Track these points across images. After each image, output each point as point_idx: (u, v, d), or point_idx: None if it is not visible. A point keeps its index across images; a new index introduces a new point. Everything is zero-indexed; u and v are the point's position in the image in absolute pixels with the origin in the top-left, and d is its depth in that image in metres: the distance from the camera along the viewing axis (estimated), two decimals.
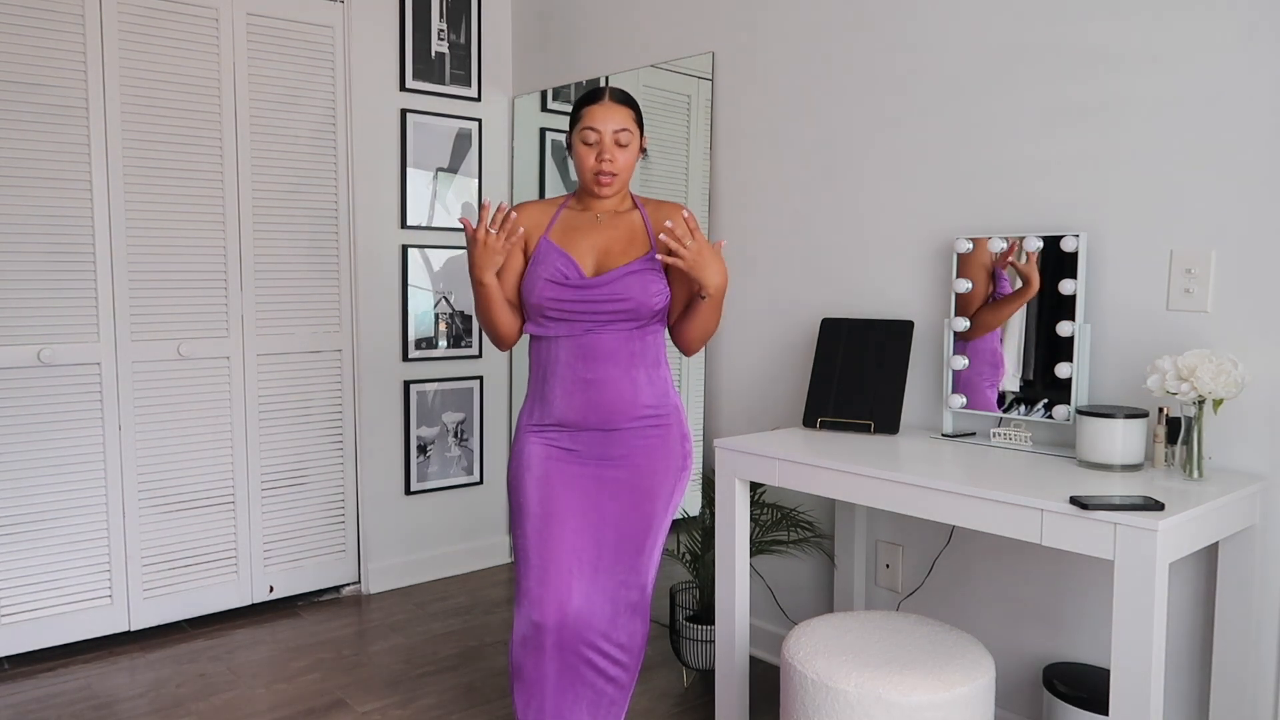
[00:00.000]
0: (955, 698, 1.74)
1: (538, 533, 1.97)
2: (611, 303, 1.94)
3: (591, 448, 1.99)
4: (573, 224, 2.02)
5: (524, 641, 1.97)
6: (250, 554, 3.24)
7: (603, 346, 1.95)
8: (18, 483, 2.80)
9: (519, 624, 1.98)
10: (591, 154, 1.95)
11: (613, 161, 1.95)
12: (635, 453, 1.99)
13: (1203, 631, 2.01)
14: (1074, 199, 2.16)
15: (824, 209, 2.68)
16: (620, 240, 1.99)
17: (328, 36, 3.30)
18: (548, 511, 1.97)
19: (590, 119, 1.94)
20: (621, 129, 1.95)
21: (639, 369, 1.98)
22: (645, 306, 1.95)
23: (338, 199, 3.36)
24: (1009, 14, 2.25)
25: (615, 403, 1.96)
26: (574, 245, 1.98)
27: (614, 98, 1.97)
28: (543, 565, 1.95)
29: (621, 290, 1.93)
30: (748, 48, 2.85)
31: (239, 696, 2.67)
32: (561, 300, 1.94)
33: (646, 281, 1.95)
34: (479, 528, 3.80)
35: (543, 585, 1.95)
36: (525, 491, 2.00)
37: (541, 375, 2.02)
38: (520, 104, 3.73)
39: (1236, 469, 1.93)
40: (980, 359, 2.29)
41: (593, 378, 1.95)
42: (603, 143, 1.94)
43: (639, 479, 2.00)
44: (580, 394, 1.96)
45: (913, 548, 2.53)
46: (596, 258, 1.98)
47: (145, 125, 2.94)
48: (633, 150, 1.99)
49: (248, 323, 3.18)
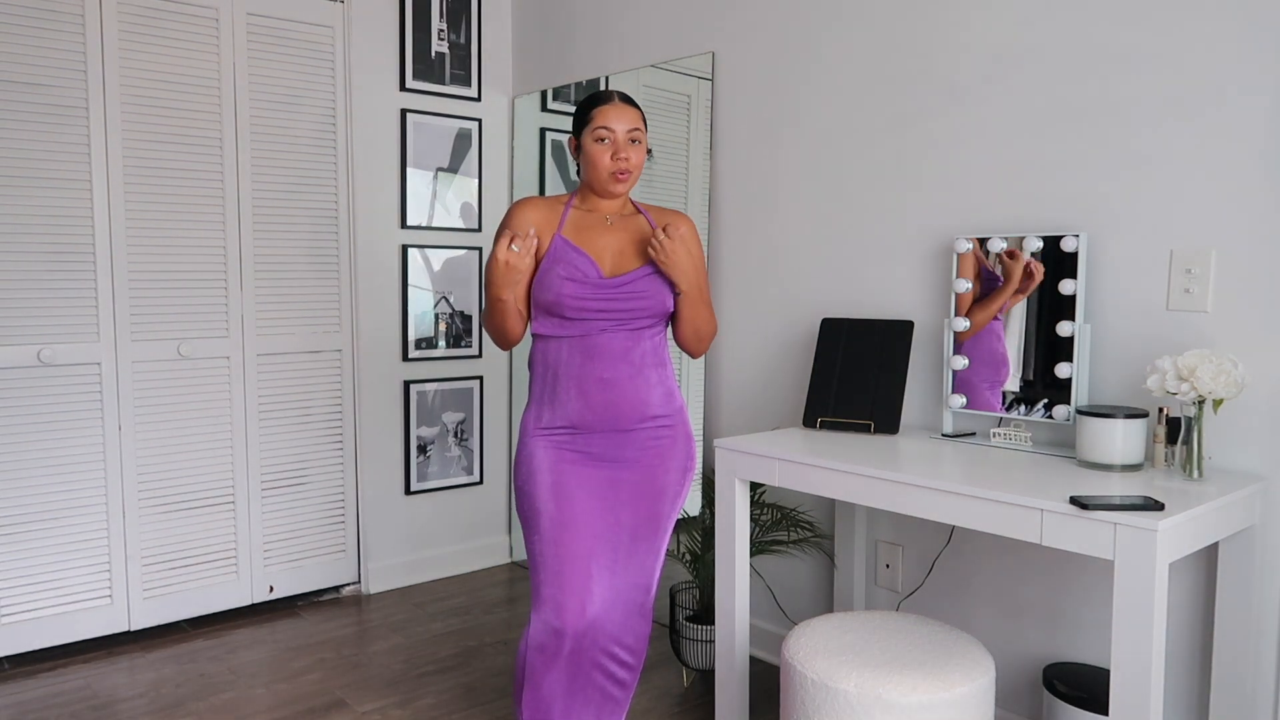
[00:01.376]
0: (955, 698, 1.74)
1: (553, 537, 1.94)
2: (632, 301, 1.95)
3: (604, 449, 1.98)
4: (584, 224, 2.01)
5: (541, 648, 1.95)
6: (250, 554, 3.24)
7: (615, 347, 1.96)
8: (18, 483, 2.80)
9: (536, 630, 1.96)
10: (607, 152, 1.95)
11: (628, 160, 1.96)
12: (647, 454, 2.00)
13: (1203, 631, 2.01)
14: (1074, 199, 2.16)
15: (824, 209, 2.68)
16: (632, 243, 2.00)
17: (328, 36, 3.30)
18: (562, 515, 1.95)
19: (603, 119, 1.96)
20: (634, 128, 1.97)
21: (650, 369, 1.99)
22: (662, 307, 1.98)
23: (338, 199, 3.36)
24: (1009, 14, 2.25)
25: (629, 403, 1.96)
26: (590, 244, 1.98)
27: (623, 99, 2.00)
28: (560, 570, 1.93)
29: (643, 290, 1.96)
30: (748, 48, 2.85)
31: (239, 696, 2.67)
32: (582, 299, 1.93)
33: (663, 283, 1.97)
34: (479, 528, 3.80)
35: (562, 591, 1.93)
36: (538, 495, 1.97)
37: (550, 377, 2.00)
38: (520, 104, 3.73)
39: (1236, 469, 1.93)
40: (979, 359, 2.29)
41: (608, 377, 1.95)
42: (617, 141, 1.95)
43: (650, 480, 2.01)
44: (597, 394, 1.95)
45: (913, 548, 2.53)
46: (612, 259, 1.98)
47: (145, 125, 2.94)
48: (643, 150, 2.01)
49: (248, 323, 3.18)
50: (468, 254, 3.66)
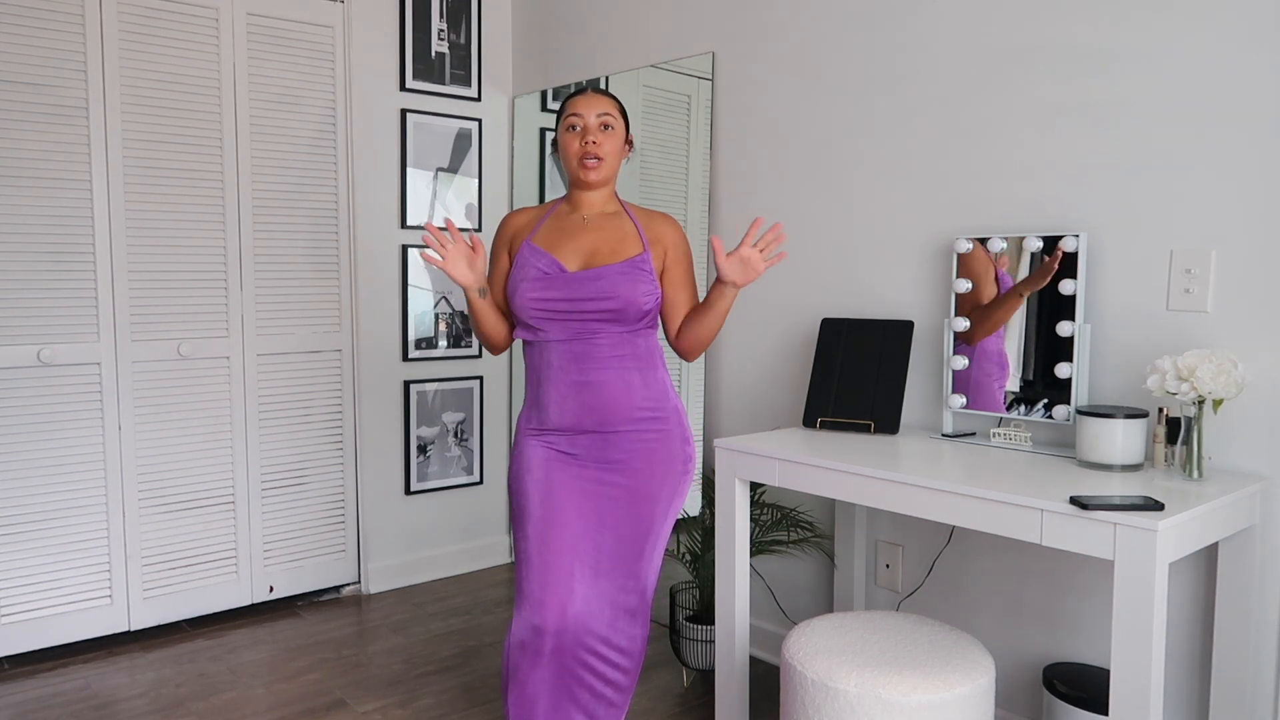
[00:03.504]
0: (955, 698, 1.74)
1: (539, 536, 1.95)
2: (597, 300, 1.92)
3: (590, 451, 1.98)
4: (560, 226, 2.01)
5: (522, 646, 1.96)
6: (250, 554, 3.24)
7: (595, 350, 1.94)
8: (18, 483, 2.80)
9: (517, 627, 1.97)
10: (576, 139, 1.96)
11: (598, 145, 1.94)
12: (634, 456, 1.98)
13: (1203, 631, 2.01)
14: (1074, 199, 2.16)
15: (824, 209, 2.68)
16: (610, 241, 1.98)
17: (328, 36, 3.30)
18: (548, 514, 1.96)
19: (573, 107, 1.97)
20: (604, 113, 1.96)
21: (633, 372, 1.97)
22: (634, 306, 1.93)
23: (338, 199, 3.36)
24: (1009, 13, 2.25)
25: (610, 406, 1.95)
26: (558, 246, 1.98)
27: (596, 90, 2.01)
28: (544, 568, 1.94)
29: (609, 288, 1.92)
30: (748, 48, 2.85)
31: (239, 696, 2.67)
32: (545, 299, 1.93)
33: (636, 280, 1.93)
34: (479, 528, 3.80)
35: (544, 589, 1.93)
36: (526, 494, 1.99)
37: (535, 380, 2.01)
38: (520, 104, 3.73)
39: (1236, 469, 1.93)
40: (987, 359, 2.29)
41: (585, 381, 1.94)
42: (587, 125, 1.95)
43: (638, 482, 1.99)
44: (574, 398, 1.95)
45: (913, 548, 2.53)
46: (583, 258, 1.97)
47: (145, 125, 2.94)
48: (617, 138, 1.99)
49: (248, 323, 3.18)
50: None
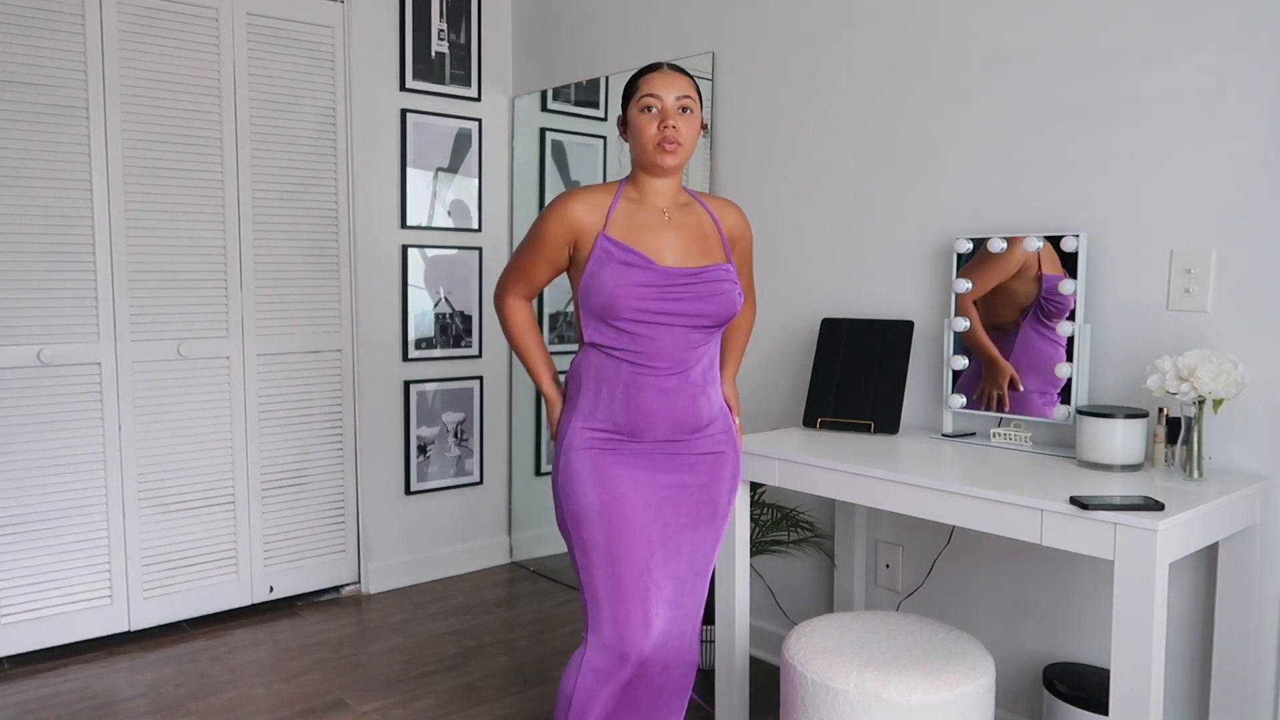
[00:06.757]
0: (955, 698, 1.74)
1: (613, 553, 1.79)
2: (698, 302, 1.78)
3: (666, 458, 1.84)
4: (636, 219, 1.82)
5: (596, 672, 1.81)
6: (250, 554, 3.24)
7: (689, 355, 1.80)
8: (18, 483, 2.80)
9: (595, 656, 1.81)
10: (654, 122, 1.78)
11: (677, 129, 1.78)
12: (705, 461, 1.87)
13: (1203, 631, 2.01)
14: (1074, 199, 2.16)
15: (824, 209, 2.68)
16: (696, 239, 1.84)
17: (328, 36, 3.30)
18: (623, 530, 1.79)
19: (650, 86, 1.79)
20: (684, 95, 1.80)
21: (711, 375, 1.87)
22: (731, 310, 1.82)
23: (338, 199, 3.36)
24: (1009, 14, 2.25)
25: (697, 411, 1.83)
26: (644, 243, 1.80)
27: (672, 67, 1.84)
28: (620, 592, 1.78)
29: (713, 291, 1.79)
30: (748, 48, 2.85)
31: (239, 696, 2.67)
32: (642, 299, 1.75)
33: (733, 285, 1.83)
34: (479, 528, 3.80)
35: (626, 613, 1.78)
36: (590, 507, 1.81)
37: (603, 386, 1.82)
38: (520, 104, 3.73)
39: (1236, 469, 1.93)
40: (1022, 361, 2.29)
41: (680, 386, 1.80)
42: (665, 108, 1.78)
43: (710, 486, 1.88)
44: (664, 403, 1.80)
45: (913, 548, 2.53)
46: (675, 257, 1.81)
47: (145, 125, 2.94)
48: (696, 121, 1.83)
49: (248, 323, 3.18)
50: (468, 254, 3.66)
